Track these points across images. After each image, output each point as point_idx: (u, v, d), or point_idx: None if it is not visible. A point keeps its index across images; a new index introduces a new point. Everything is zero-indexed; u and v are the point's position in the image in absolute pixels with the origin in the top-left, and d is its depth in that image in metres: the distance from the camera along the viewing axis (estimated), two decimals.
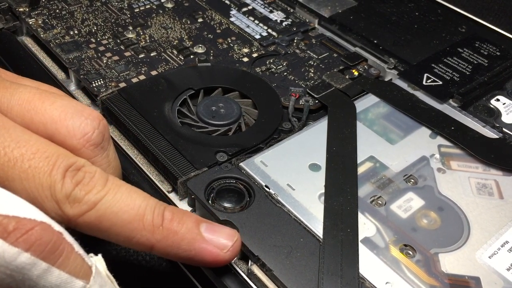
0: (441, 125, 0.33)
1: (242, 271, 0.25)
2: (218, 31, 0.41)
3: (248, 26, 0.42)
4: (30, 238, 0.17)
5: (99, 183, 0.21)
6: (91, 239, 0.22)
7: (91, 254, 0.20)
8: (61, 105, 0.23)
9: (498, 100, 0.36)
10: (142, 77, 0.36)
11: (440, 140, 0.32)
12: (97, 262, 0.19)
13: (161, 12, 0.43)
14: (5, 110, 0.22)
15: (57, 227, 0.18)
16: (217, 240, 0.23)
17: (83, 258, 0.19)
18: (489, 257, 0.25)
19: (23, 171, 0.20)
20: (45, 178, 0.20)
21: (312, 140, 0.31)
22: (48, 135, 0.22)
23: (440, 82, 0.37)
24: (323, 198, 0.27)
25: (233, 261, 0.26)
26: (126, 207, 0.21)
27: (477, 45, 0.40)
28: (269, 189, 0.28)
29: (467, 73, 0.37)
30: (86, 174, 0.21)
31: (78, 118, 0.23)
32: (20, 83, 0.24)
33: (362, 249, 0.25)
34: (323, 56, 0.39)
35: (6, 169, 0.20)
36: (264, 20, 0.43)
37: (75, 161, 0.21)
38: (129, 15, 0.42)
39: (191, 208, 0.28)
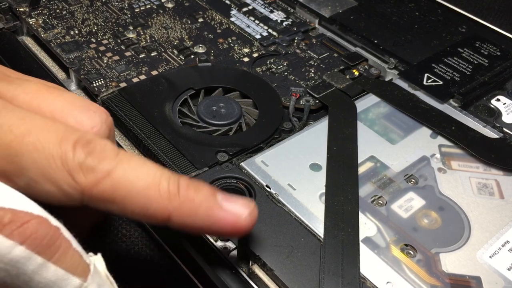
0: (441, 125, 0.33)
1: (243, 271, 0.25)
2: (219, 31, 0.41)
3: (248, 26, 0.42)
4: (26, 231, 0.17)
5: (111, 153, 0.20)
6: (89, 239, 0.21)
7: (91, 253, 0.19)
8: (69, 97, 0.22)
9: (498, 100, 0.36)
10: (142, 77, 0.36)
11: (440, 140, 0.32)
12: (96, 261, 0.19)
13: (161, 12, 0.43)
14: (10, 99, 0.21)
15: (55, 222, 0.18)
16: (235, 208, 0.22)
17: (81, 255, 0.18)
18: (490, 257, 0.25)
19: (32, 143, 0.19)
20: (55, 148, 0.19)
21: (313, 140, 0.31)
22: None
23: (441, 82, 0.37)
24: (323, 198, 0.27)
25: (234, 261, 0.26)
26: (141, 174, 0.20)
27: (477, 45, 0.40)
28: (270, 189, 0.28)
29: (468, 73, 0.37)
30: (97, 145, 0.20)
31: (87, 111, 0.22)
32: (26, 79, 0.24)
33: (363, 249, 0.25)
34: (323, 56, 0.39)
35: (14, 145, 0.19)
36: (265, 20, 0.43)
37: (85, 134, 0.20)
38: (129, 15, 0.42)
39: None
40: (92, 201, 0.20)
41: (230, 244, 0.27)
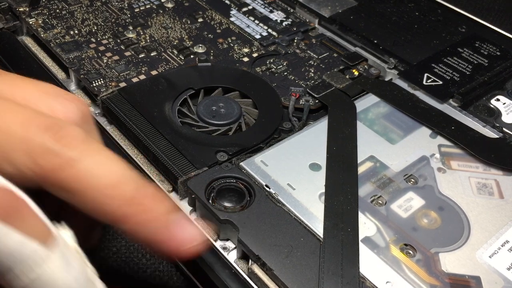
0: (441, 125, 0.33)
1: (243, 271, 0.25)
2: (218, 31, 0.41)
3: (248, 26, 0.42)
4: None
5: (80, 140, 0.19)
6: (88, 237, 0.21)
7: (58, 225, 0.19)
8: (44, 86, 0.22)
9: (498, 100, 0.36)
10: (142, 77, 0.36)
11: (440, 139, 0.32)
12: (63, 231, 0.18)
13: (161, 12, 0.43)
14: None
15: (20, 193, 0.17)
16: (185, 234, 0.21)
17: (46, 224, 0.18)
18: (490, 257, 0.25)
19: None
20: (19, 130, 0.18)
21: (313, 140, 0.31)
22: None
23: (440, 82, 0.37)
24: (323, 197, 0.27)
25: (233, 261, 0.26)
26: (107, 171, 0.19)
27: (477, 45, 0.40)
28: (270, 188, 0.28)
29: (467, 73, 0.37)
30: (64, 130, 0.19)
31: (62, 99, 0.22)
32: (3, 73, 0.23)
33: (363, 249, 0.25)
34: (323, 56, 0.39)
35: None
36: (264, 20, 0.43)
37: (54, 119, 0.20)
38: (129, 15, 0.42)
39: (192, 208, 0.28)
40: (49, 187, 0.19)
41: (230, 244, 0.27)
